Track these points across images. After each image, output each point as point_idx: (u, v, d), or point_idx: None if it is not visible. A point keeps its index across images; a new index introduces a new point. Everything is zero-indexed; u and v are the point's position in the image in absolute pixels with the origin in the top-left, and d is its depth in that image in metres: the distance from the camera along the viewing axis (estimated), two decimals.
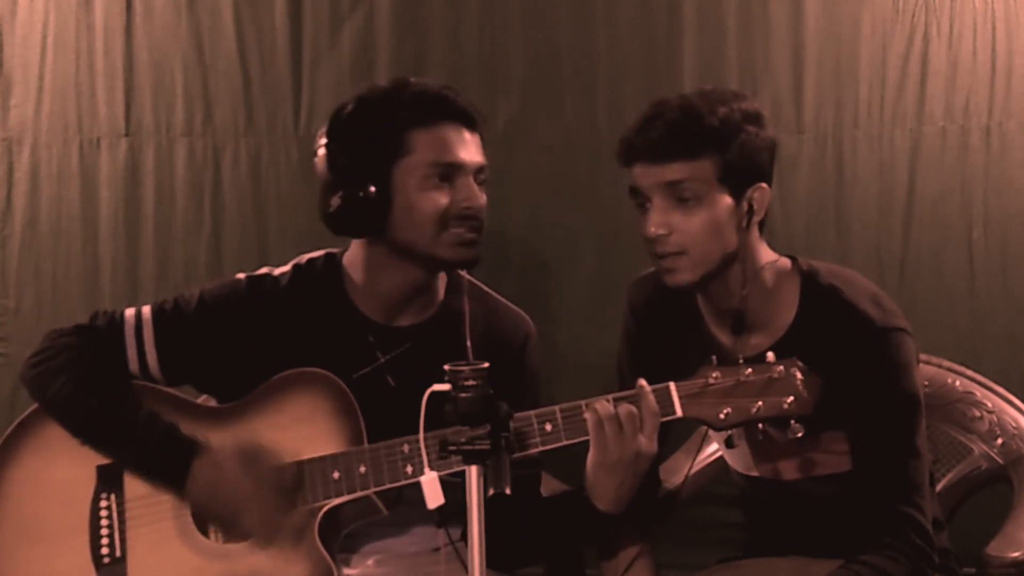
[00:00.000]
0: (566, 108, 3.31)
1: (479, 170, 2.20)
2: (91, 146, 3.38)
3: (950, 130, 3.19)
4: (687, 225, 2.09)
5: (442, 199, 2.15)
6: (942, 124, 3.19)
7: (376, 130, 2.16)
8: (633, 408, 2.00)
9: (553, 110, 3.31)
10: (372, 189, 2.14)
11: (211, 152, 3.36)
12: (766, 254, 2.20)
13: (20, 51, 3.37)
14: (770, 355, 2.01)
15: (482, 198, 2.19)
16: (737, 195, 2.11)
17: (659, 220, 2.10)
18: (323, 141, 2.19)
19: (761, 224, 2.18)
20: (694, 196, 2.08)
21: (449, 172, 2.15)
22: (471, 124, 2.20)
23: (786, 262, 2.22)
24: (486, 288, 2.36)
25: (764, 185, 2.14)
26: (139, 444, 2.14)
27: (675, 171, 2.08)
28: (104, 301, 3.34)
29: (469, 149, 2.18)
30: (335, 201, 2.16)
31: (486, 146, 2.23)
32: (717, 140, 2.08)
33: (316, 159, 2.19)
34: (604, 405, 2.01)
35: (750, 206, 2.13)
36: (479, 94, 3.26)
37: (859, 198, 3.23)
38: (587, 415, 2.02)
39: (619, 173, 2.19)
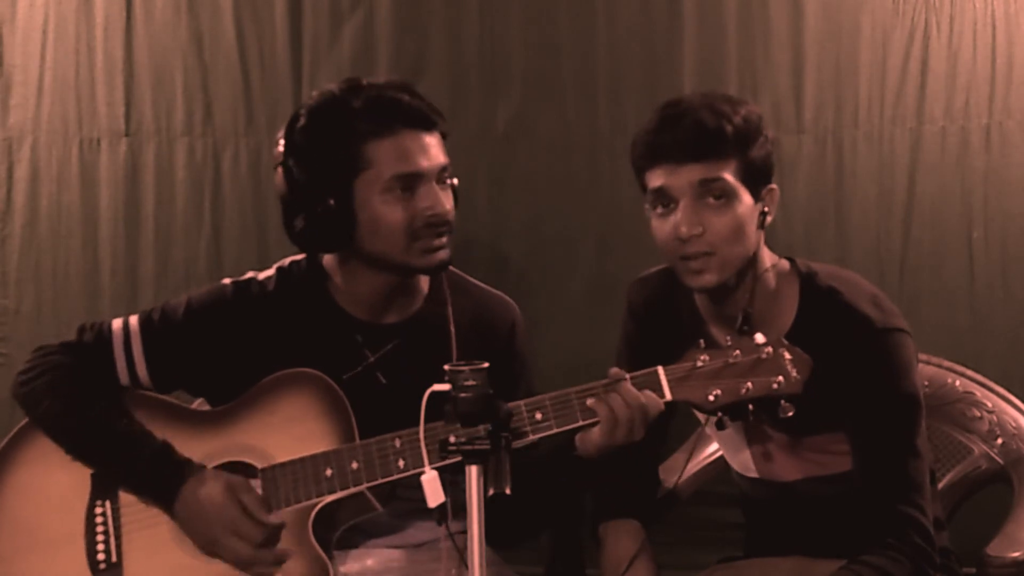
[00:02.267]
0: (566, 108, 3.30)
1: (442, 170, 2.17)
2: (91, 146, 3.38)
3: (950, 130, 3.19)
4: (718, 224, 2.08)
5: (407, 210, 2.13)
6: (942, 124, 3.19)
7: (332, 145, 2.13)
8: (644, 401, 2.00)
9: (553, 110, 3.30)
10: (334, 204, 2.12)
11: (211, 152, 3.37)
12: (769, 256, 2.20)
13: (20, 51, 3.37)
14: (759, 336, 2.01)
15: (447, 200, 2.16)
16: (755, 195, 2.12)
17: (692, 219, 2.08)
18: (280, 150, 2.16)
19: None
20: (724, 194, 2.08)
21: (411, 182, 2.13)
22: (429, 126, 2.16)
23: (785, 264, 2.22)
24: (468, 278, 2.35)
25: (775, 186, 2.15)
26: (130, 465, 2.15)
27: (708, 169, 2.08)
28: (104, 301, 3.34)
29: (429, 153, 2.14)
30: (299, 222, 2.15)
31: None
32: (743, 140, 2.09)
33: (275, 175, 2.17)
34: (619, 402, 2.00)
35: (764, 207, 2.13)
36: (479, 94, 3.28)
37: (859, 198, 3.23)
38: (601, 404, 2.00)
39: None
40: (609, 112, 3.28)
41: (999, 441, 2.54)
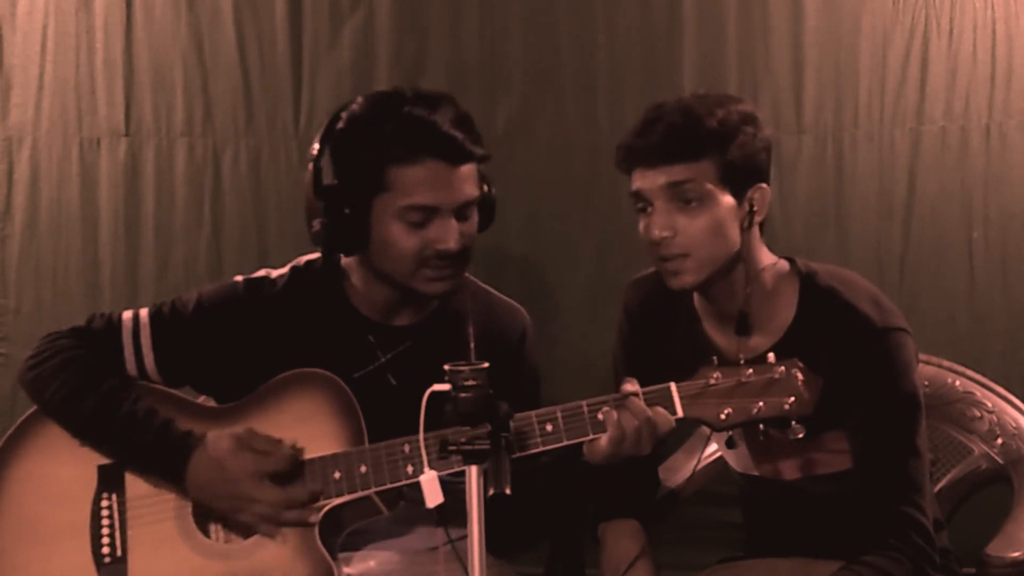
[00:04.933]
0: (566, 108, 3.30)
1: (465, 204, 2.15)
2: (91, 146, 3.38)
3: (950, 130, 3.19)
4: (691, 227, 2.09)
5: (416, 240, 2.13)
6: (942, 124, 3.19)
7: (358, 161, 2.14)
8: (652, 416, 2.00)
9: (553, 110, 3.30)
10: (350, 214, 2.12)
11: (211, 152, 3.36)
12: (767, 256, 2.20)
13: (20, 51, 3.37)
14: (771, 356, 2.01)
15: (463, 236, 2.14)
16: (738, 195, 2.12)
17: (663, 222, 2.10)
18: (315, 149, 2.17)
19: (761, 226, 2.18)
20: (697, 197, 2.09)
21: (424, 214, 2.12)
22: (460, 159, 2.13)
23: (785, 264, 2.22)
24: (481, 284, 2.36)
25: (764, 185, 2.15)
26: (137, 442, 2.15)
27: (677, 172, 2.09)
28: (104, 301, 3.34)
29: (451, 188, 2.13)
30: (316, 224, 2.15)
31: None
32: (717, 140, 2.09)
33: (306, 173, 2.17)
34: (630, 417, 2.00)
35: (751, 206, 2.13)
36: (479, 94, 3.27)
37: (859, 198, 3.23)
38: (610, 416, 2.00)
39: (619, 173, 2.19)
40: (609, 112, 3.28)
41: (999, 441, 2.54)
